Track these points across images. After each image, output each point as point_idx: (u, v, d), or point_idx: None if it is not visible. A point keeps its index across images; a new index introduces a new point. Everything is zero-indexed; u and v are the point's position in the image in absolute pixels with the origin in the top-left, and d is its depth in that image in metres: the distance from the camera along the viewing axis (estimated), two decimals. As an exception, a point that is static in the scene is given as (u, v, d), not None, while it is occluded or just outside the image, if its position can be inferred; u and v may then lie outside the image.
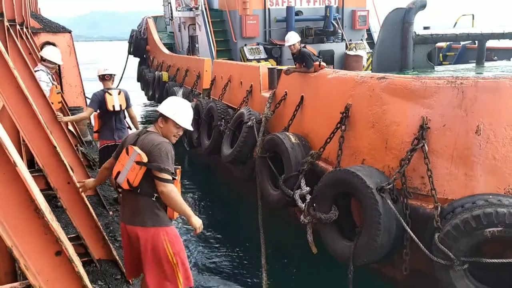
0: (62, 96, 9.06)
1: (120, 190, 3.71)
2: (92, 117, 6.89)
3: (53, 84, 7.50)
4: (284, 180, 5.86)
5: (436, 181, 4.17)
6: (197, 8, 13.63)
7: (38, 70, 7.17)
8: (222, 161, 8.02)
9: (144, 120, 18.07)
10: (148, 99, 17.51)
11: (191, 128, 3.82)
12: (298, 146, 5.90)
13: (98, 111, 6.49)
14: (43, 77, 7.11)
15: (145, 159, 3.46)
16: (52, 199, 5.23)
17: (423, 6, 5.74)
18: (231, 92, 9.40)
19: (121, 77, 19.68)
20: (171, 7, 17.15)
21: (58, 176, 4.48)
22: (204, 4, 13.11)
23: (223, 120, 8.42)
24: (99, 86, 6.65)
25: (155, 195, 3.55)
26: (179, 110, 3.71)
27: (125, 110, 6.66)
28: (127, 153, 3.56)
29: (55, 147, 4.53)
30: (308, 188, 5.45)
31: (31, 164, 5.31)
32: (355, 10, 13.69)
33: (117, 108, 6.42)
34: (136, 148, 3.52)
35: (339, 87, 5.54)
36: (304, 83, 6.43)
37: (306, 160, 5.62)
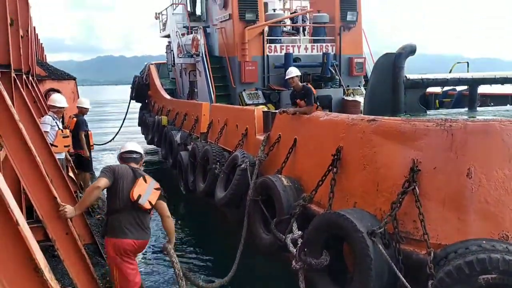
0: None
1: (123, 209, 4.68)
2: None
3: (59, 128, 8.04)
4: (276, 223, 5.72)
5: (429, 225, 4.05)
6: (197, 55, 13.93)
7: (46, 116, 7.82)
8: (216, 205, 7.89)
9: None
10: (148, 143, 17.52)
11: None
12: (290, 189, 5.80)
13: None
14: (47, 119, 7.60)
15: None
16: (49, 248, 5.36)
17: (413, 52, 5.82)
18: (227, 135, 9.42)
19: (123, 121, 19.84)
20: (173, 54, 17.56)
21: (56, 227, 4.57)
22: (205, 51, 13.42)
23: (218, 163, 8.37)
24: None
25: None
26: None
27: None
28: (145, 181, 4.72)
29: (55, 198, 4.59)
30: (300, 232, 5.30)
31: (30, 211, 5.44)
32: (352, 58, 13.94)
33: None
34: (152, 180, 4.83)
35: (331, 130, 5.53)
36: (297, 126, 6.44)
37: (298, 203, 5.51)
